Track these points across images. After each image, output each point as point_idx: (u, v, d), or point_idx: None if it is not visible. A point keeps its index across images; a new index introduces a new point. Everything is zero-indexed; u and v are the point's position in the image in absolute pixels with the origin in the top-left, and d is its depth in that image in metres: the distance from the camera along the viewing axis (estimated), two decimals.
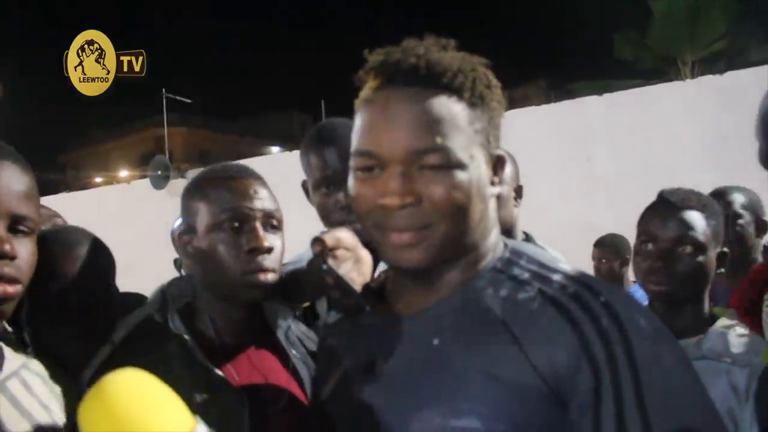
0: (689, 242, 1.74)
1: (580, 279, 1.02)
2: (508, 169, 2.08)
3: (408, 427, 0.99)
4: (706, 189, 1.93)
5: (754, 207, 2.70)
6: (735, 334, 1.70)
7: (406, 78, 1.01)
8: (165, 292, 1.49)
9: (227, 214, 1.41)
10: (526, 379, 0.95)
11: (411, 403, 1.00)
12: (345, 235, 1.42)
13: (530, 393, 0.95)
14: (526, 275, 1.05)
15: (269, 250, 1.42)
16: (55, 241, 1.60)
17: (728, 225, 1.94)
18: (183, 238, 1.47)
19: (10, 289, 1.09)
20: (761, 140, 1.17)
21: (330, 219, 1.86)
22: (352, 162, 1.06)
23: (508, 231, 2.02)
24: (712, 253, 1.78)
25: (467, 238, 1.04)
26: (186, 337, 1.40)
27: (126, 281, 1.95)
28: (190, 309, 1.47)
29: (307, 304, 1.72)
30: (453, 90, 1.02)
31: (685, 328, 1.71)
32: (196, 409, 1.33)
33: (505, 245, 1.12)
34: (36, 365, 1.24)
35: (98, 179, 30.12)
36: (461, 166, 1.00)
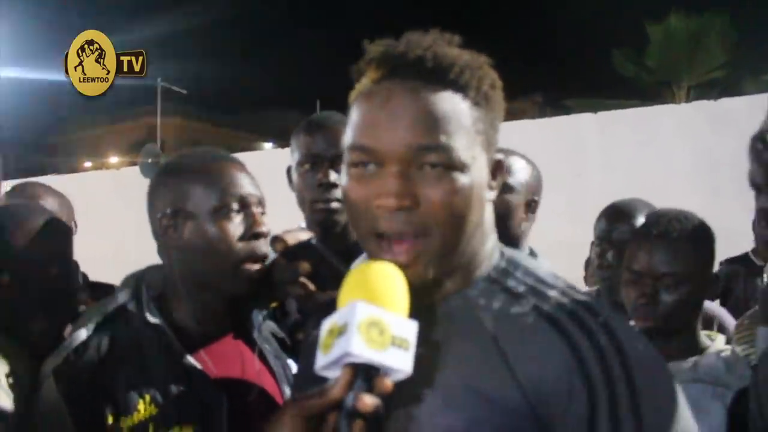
0: (670, 276, 1.68)
1: (578, 298, 0.98)
2: (523, 179, 2.04)
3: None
4: (695, 210, 1.89)
5: None
6: (730, 358, 1.67)
7: (411, 70, 0.95)
8: (140, 280, 1.46)
9: (233, 197, 1.40)
10: (509, 397, 0.92)
11: (401, 414, 0.95)
12: (305, 236, 1.43)
13: (512, 411, 0.91)
14: (521, 288, 1.00)
15: (267, 236, 1.41)
16: (5, 216, 1.60)
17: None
18: (168, 221, 1.42)
19: None
20: (751, 163, 1.17)
21: (307, 197, 1.86)
22: (346, 157, 0.99)
23: (514, 244, 1.90)
24: (700, 281, 1.72)
25: (465, 246, 0.99)
26: (160, 328, 1.38)
27: (113, 268, 1.94)
28: (162, 299, 1.45)
29: (274, 304, 1.72)
30: (459, 86, 0.96)
31: (677, 353, 1.68)
32: (173, 400, 1.33)
33: (502, 254, 1.06)
34: None
35: (88, 164, 29.93)
36: (463, 167, 0.94)
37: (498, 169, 1.03)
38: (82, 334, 1.38)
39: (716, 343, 1.76)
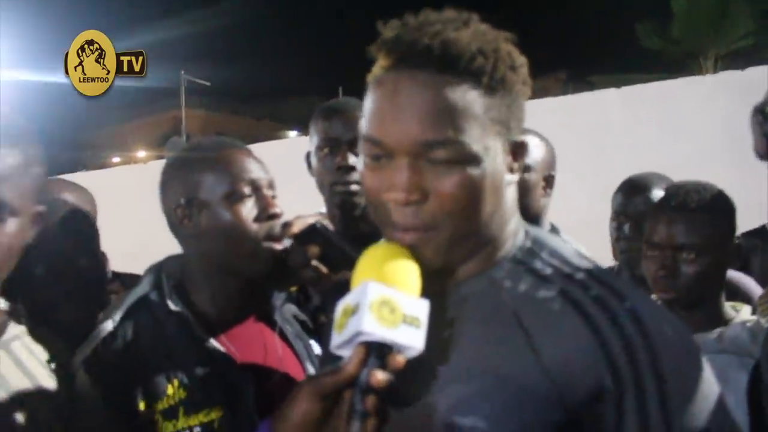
0: (690, 248, 1.69)
1: (605, 281, 0.97)
2: (539, 156, 2.07)
3: (417, 417, 0.95)
4: (724, 185, 1.86)
5: None
6: (755, 328, 1.66)
7: (418, 60, 0.92)
8: (160, 271, 1.50)
9: (243, 182, 1.43)
10: (535, 383, 0.91)
11: (421, 394, 0.96)
12: (311, 220, 1.46)
13: (538, 397, 0.90)
14: (548, 270, 0.98)
15: (280, 216, 1.45)
16: None
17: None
18: (182, 211, 1.45)
19: None
20: (753, 135, 1.15)
21: (326, 181, 1.90)
22: (361, 146, 0.99)
23: (534, 220, 1.95)
24: (720, 252, 1.72)
25: (480, 234, 0.97)
26: (183, 315, 1.42)
27: (140, 261, 1.98)
28: (182, 287, 1.49)
29: (293, 288, 1.75)
30: (470, 74, 0.92)
31: (701, 325, 1.68)
32: (200, 383, 1.37)
33: (527, 233, 1.05)
34: (29, 340, 1.24)
35: (116, 159, 30.32)
36: (474, 160, 0.92)
37: (520, 150, 1.00)
38: (108, 325, 1.42)
39: (741, 313, 1.76)
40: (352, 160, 1.84)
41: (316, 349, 1.58)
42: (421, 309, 0.90)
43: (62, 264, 1.60)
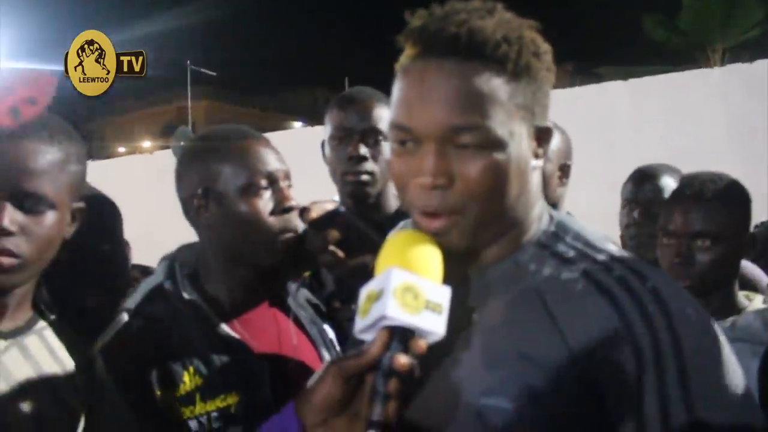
0: (705, 236, 1.71)
1: (628, 262, 0.99)
2: (554, 146, 2.07)
3: (441, 399, 0.97)
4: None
5: None
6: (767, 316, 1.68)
7: (445, 48, 0.94)
8: (173, 260, 1.52)
9: (261, 174, 1.44)
10: (561, 364, 0.92)
11: (445, 376, 0.98)
12: (331, 206, 1.47)
13: (564, 378, 0.92)
14: (571, 253, 1.01)
15: (296, 209, 1.45)
16: None
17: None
18: (198, 201, 1.46)
19: (5, 261, 1.12)
20: None
21: (338, 170, 1.92)
22: (389, 133, 1.02)
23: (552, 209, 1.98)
24: (735, 241, 1.74)
25: (505, 217, 1.00)
26: (197, 303, 1.43)
27: (147, 250, 1.99)
28: (196, 276, 1.50)
29: (306, 273, 1.76)
30: (495, 60, 0.94)
31: (715, 313, 1.69)
32: (216, 370, 1.38)
33: (551, 218, 1.07)
34: (51, 334, 1.27)
35: (121, 149, 30.39)
36: (500, 145, 0.95)
37: (545, 135, 1.02)
38: (124, 315, 1.44)
39: (754, 302, 1.78)
40: (363, 150, 1.86)
41: (330, 334, 1.60)
42: (444, 295, 0.92)
43: (86, 251, 1.61)
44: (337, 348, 1.58)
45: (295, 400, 0.95)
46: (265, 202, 1.43)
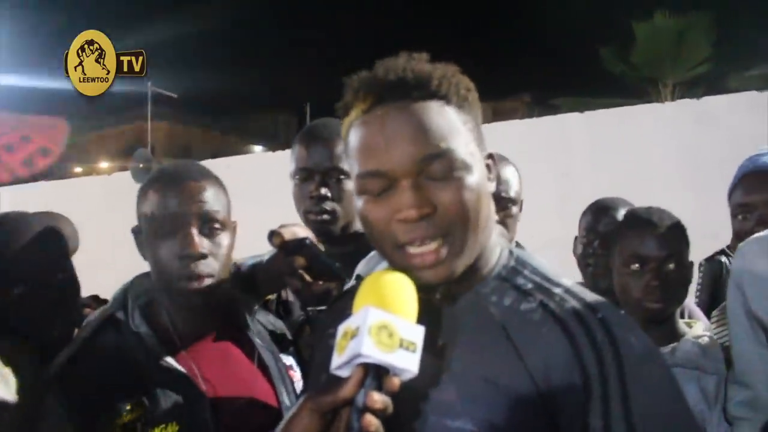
0: (676, 257, 1.82)
1: (580, 295, 1.05)
2: (518, 187, 2.14)
3: (410, 423, 1.01)
4: (681, 208, 1.99)
5: None
6: (704, 344, 1.78)
7: (396, 92, 1.02)
8: (126, 290, 1.52)
9: (162, 219, 1.42)
10: (522, 387, 0.98)
11: (415, 402, 1.01)
12: (301, 230, 1.49)
13: (525, 401, 0.98)
14: (529, 286, 1.07)
15: (203, 256, 1.41)
16: (5, 231, 1.61)
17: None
18: (137, 238, 1.49)
19: None
20: None
21: (300, 208, 1.93)
22: (358, 186, 1.05)
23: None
24: (689, 263, 1.88)
25: (480, 239, 1.05)
26: (144, 334, 1.44)
27: (105, 273, 1.97)
28: (153, 305, 1.50)
29: (271, 296, 1.77)
30: (442, 95, 1.03)
31: (661, 340, 1.77)
32: (159, 405, 1.39)
33: (511, 253, 1.14)
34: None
35: (78, 169, 29.81)
36: (467, 167, 1.02)
37: (491, 162, 1.11)
38: (76, 344, 1.46)
39: (694, 329, 1.87)
40: (324, 190, 1.86)
41: (288, 361, 1.59)
42: (418, 334, 0.95)
43: (42, 279, 1.59)
44: (295, 377, 1.57)
45: None
46: (168, 246, 1.41)
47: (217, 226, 1.45)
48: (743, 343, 1.57)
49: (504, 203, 2.04)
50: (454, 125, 1.03)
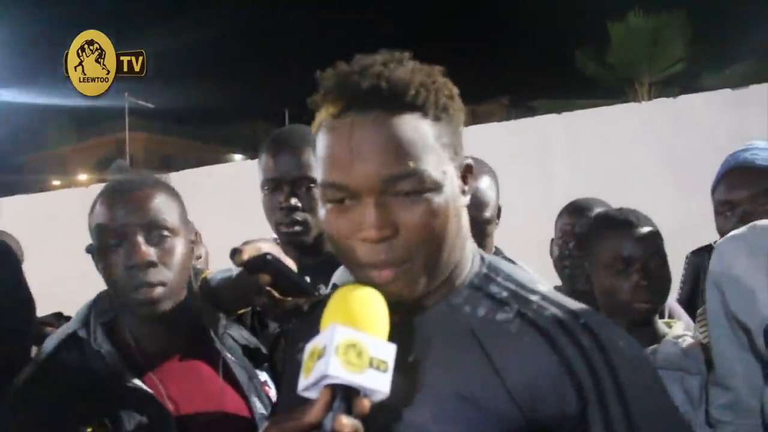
0: (660, 256, 1.83)
1: (559, 301, 1.01)
2: (495, 198, 2.02)
3: None
4: (660, 206, 1.99)
5: None
6: (686, 344, 1.76)
7: (367, 101, 0.94)
8: (90, 307, 1.47)
9: (108, 231, 1.38)
10: (498, 403, 0.93)
11: (385, 422, 0.95)
12: (266, 246, 1.44)
13: (501, 417, 0.93)
14: (504, 294, 1.02)
15: (151, 264, 1.37)
16: None
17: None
18: (93, 257, 1.44)
19: None
20: None
21: (271, 219, 1.88)
22: (321, 193, 1.00)
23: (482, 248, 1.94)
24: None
25: (448, 258, 1.00)
26: (106, 353, 1.39)
27: (81, 287, 1.93)
28: (118, 323, 1.46)
29: (245, 310, 1.73)
30: (417, 107, 0.95)
31: (642, 342, 1.76)
32: (123, 426, 1.35)
33: (482, 259, 1.08)
34: None
35: (56, 182, 29.49)
36: (437, 187, 0.95)
37: (468, 172, 1.04)
38: (35, 364, 1.41)
39: (674, 329, 1.86)
40: (293, 201, 1.82)
41: (263, 377, 1.56)
42: (389, 352, 0.90)
43: None
44: (270, 393, 1.53)
45: None
46: (115, 259, 1.38)
47: (165, 233, 1.40)
48: (724, 345, 1.53)
49: (481, 226, 1.92)
50: (427, 142, 0.95)
